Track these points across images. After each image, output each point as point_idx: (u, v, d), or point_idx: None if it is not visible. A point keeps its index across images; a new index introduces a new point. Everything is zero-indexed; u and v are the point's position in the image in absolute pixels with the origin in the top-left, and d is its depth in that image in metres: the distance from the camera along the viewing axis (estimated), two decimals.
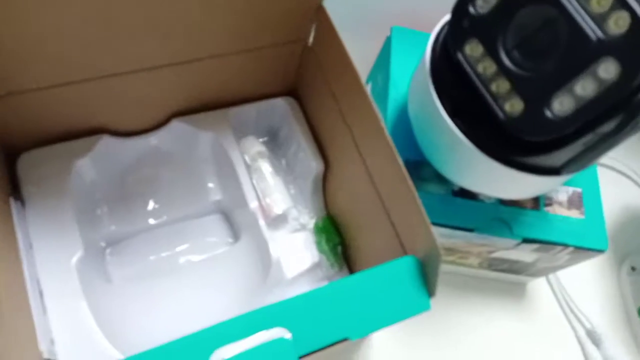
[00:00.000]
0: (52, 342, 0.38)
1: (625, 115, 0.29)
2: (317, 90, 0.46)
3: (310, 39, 0.45)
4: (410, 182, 0.34)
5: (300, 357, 0.31)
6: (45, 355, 0.37)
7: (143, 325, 0.44)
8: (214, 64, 0.43)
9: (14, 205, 0.40)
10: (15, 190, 0.41)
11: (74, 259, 0.40)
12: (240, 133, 0.50)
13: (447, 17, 0.39)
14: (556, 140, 0.31)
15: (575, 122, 0.30)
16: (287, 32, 0.43)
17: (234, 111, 0.49)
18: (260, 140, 0.52)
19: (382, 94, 0.50)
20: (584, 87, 0.29)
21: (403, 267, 0.35)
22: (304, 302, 0.33)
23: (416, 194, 0.33)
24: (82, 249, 0.41)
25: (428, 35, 0.40)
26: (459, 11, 0.34)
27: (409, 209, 0.35)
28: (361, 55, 0.58)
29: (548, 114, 0.30)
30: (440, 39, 0.38)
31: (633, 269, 0.60)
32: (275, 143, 0.54)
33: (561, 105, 0.30)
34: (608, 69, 0.28)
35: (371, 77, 0.58)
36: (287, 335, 0.32)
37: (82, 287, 0.40)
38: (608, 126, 0.30)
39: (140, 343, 0.42)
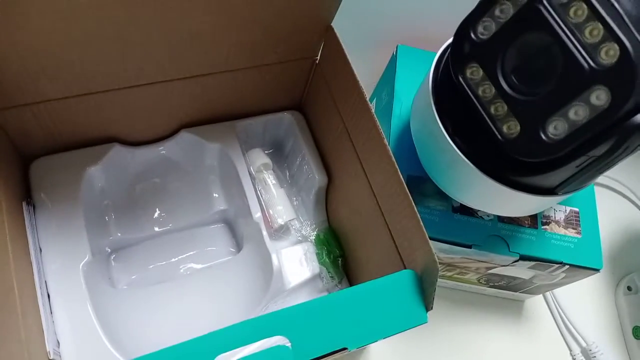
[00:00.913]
0: (57, 343, 0.39)
1: (616, 139, 0.30)
2: (323, 106, 0.47)
3: (319, 56, 0.46)
4: (410, 199, 0.35)
5: None
6: (51, 356, 0.38)
7: (145, 330, 0.45)
8: (223, 79, 0.44)
9: (26, 209, 0.41)
10: (26, 194, 0.43)
11: (81, 264, 0.42)
12: (247, 145, 0.51)
13: (450, 39, 0.41)
14: (551, 161, 0.33)
15: (569, 145, 0.31)
16: (296, 50, 0.45)
17: (242, 124, 0.50)
18: (266, 152, 0.54)
19: (387, 110, 0.52)
20: (577, 113, 0.30)
21: (402, 281, 0.36)
22: (304, 311, 0.34)
23: (416, 210, 0.35)
24: (89, 254, 0.42)
25: (432, 54, 0.42)
26: (461, 36, 0.35)
27: (409, 225, 0.36)
28: (367, 72, 0.60)
29: (543, 136, 0.32)
30: (443, 60, 0.39)
31: (629, 288, 0.60)
32: (280, 155, 0.55)
33: (555, 129, 0.31)
34: (599, 97, 0.29)
35: (376, 93, 0.59)
36: (287, 343, 0.33)
37: (88, 291, 0.41)
38: (600, 150, 0.31)
39: (142, 347, 0.43)
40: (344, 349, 0.34)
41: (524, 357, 0.56)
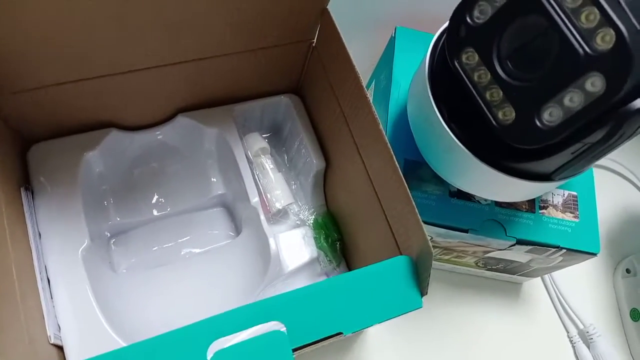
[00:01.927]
0: (58, 328, 0.40)
1: (611, 126, 0.30)
2: (320, 90, 0.47)
3: (315, 39, 0.46)
4: (405, 185, 0.35)
5: (294, 349, 0.33)
6: (52, 340, 0.38)
7: (145, 313, 0.46)
8: (220, 63, 0.44)
9: (24, 195, 0.42)
10: (25, 180, 0.43)
11: (81, 249, 0.42)
12: (244, 129, 0.51)
13: (447, 23, 0.40)
14: (546, 148, 0.33)
15: (564, 131, 0.31)
16: (292, 33, 0.44)
17: (239, 107, 0.50)
18: (264, 135, 0.54)
19: (385, 93, 0.51)
20: (572, 99, 0.30)
21: (397, 266, 0.36)
22: (300, 297, 0.34)
23: (411, 196, 0.35)
24: (88, 239, 0.43)
25: (431, 36, 0.41)
26: (456, 20, 0.35)
27: (404, 211, 0.36)
28: (367, 53, 0.60)
29: (538, 123, 0.31)
30: (440, 45, 0.39)
31: (628, 271, 0.60)
32: (278, 139, 0.55)
33: (550, 115, 0.31)
34: (594, 83, 0.29)
35: (375, 75, 0.59)
36: (282, 328, 0.33)
37: (88, 275, 0.42)
38: (595, 136, 0.31)
39: (142, 330, 0.44)
40: (339, 333, 0.34)
41: (522, 339, 0.57)
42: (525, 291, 0.59)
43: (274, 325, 0.33)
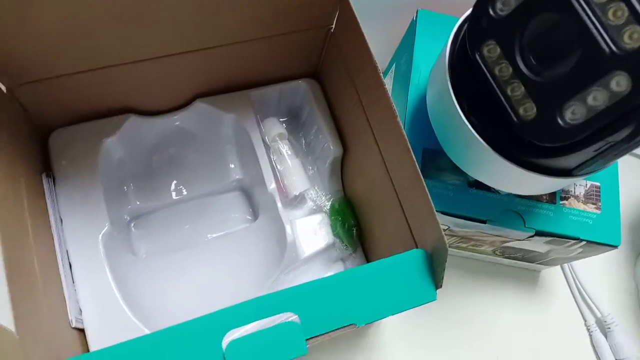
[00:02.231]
0: (79, 311, 0.41)
1: (636, 125, 0.29)
2: (338, 76, 0.46)
3: (334, 25, 0.45)
4: (422, 181, 0.35)
5: (308, 339, 0.33)
6: (74, 324, 0.39)
7: (164, 297, 0.47)
8: (236, 50, 0.44)
9: (45, 182, 0.42)
10: (46, 167, 0.44)
11: (101, 234, 0.43)
12: (262, 114, 0.51)
13: (469, 11, 0.39)
14: (567, 145, 0.32)
15: (586, 130, 0.30)
16: (309, 19, 0.43)
17: (257, 92, 0.50)
18: (282, 120, 0.53)
19: (405, 77, 0.50)
20: (596, 98, 0.29)
21: (412, 260, 0.36)
22: (314, 289, 0.35)
23: (428, 192, 0.34)
24: (108, 224, 0.43)
25: (454, 19, 0.40)
26: (478, 11, 0.34)
27: (420, 205, 0.36)
28: (388, 35, 0.59)
29: (560, 121, 0.31)
30: (461, 35, 0.37)
31: None
32: (296, 123, 0.54)
33: (573, 113, 0.30)
34: (620, 83, 0.28)
35: (395, 58, 0.57)
36: (296, 319, 0.34)
37: (108, 260, 0.43)
38: (619, 135, 0.30)
39: (161, 313, 0.45)
40: (353, 324, 0.34)
41: (538, 326, 0.57)
42: (543, 279, 0.59)
43: (287, 316, 0.34)
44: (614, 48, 0.28)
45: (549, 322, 0.57)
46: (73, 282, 0.41)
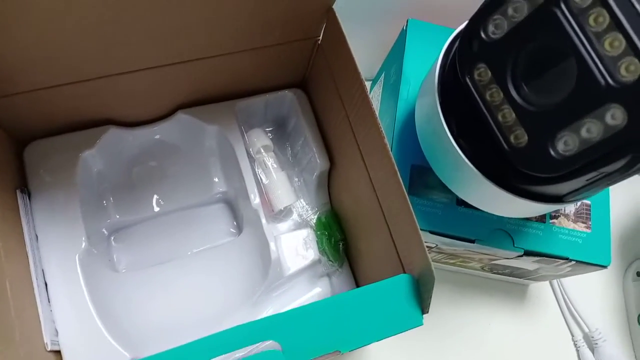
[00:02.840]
0: (55, 333, 0.39)
1: (630, 157, 0.28)
2: (325, 88, 0.45)
3: (321, 36, 0.44)
4: (409, 204, 0.34)
5: None
6: (49, 347, 0.38)
7: (144, 314, 0.46)
8: (222, 61, 0.42)
9: (20, 197, 0.41)
10: (21, 181, 0.42)
11: (79, 251, 0.42)
12: (247, 124, 0.49)
13: (460, 27, 0.38)
14: (559, 175, 0.31)
15: (578, 162, 0.29)
16: (296, 32, 0.42)
17: (242, 103, 0.48)
18: (268, 129, 0.52)
19: (394, 88, 0.49)
20: (590, 130, 0.28)
21: (398, 285, 0.35)
22: (298, 316, 0.34)
23: (414, 217, 0.33)
24: (86, 240, 0.42)
25: (445, 30, 0.38)
26: (469, 33, 0.32)
27: (407, 229, 0.35)
28: (377, 43, 0.57)
29: (552, 151, 0.30)
30: (451, 53, 0.36)
31: (638, 274, 0.59)
32: (283, 132, 0.53)
33: (565, 144, 0.29)
34: (615, 116, 0.27)
35: (384, 67, 0.56)
36: (278, 347, 0.33)
37: (86, 277, 0.41)
38: (612, 167, 0.29)
39: (140, 332, 0.44)
40: (337, 351, 0.34)
41: (526, 340, 0.56)
42: (531, 292, 0.58)
43: (269, 345, 0.33)
44: (609, 80, 0.27)
45: (537, 336, 0.56)
46: (49, 302, 0.40)
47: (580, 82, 0.28)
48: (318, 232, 0.49)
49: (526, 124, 0.30)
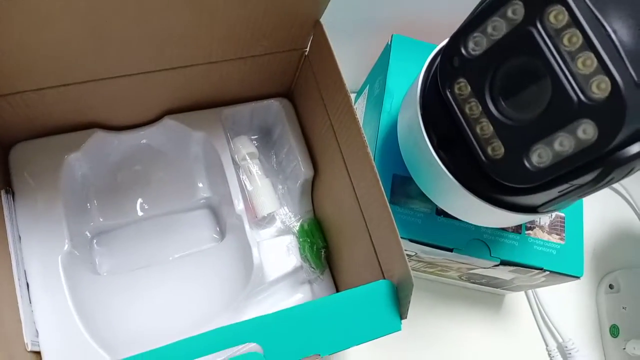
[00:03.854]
0: (36, 334, 0.39)
1: (601, 171, 0.29)
2: (311, 98, 0.46)
3: (308, 48, 0.45)
4: (390, 213, 0.35)
5: None
6: (29, 348, 0.38)
7: (126, 316, 0.46)
8: (208, 70, 0.43)
9: (4, 198, 0.41)
10: (6, 182, 0.42)
11: (61, 252, 0.42)
12: (233, 132, 0.50)
13: (442, 43, 0.39)
14: (533, 186, 0.32)
15: (552, 174, 0.30)
16: (283, 43, 0.43)
17: (229, 110, 0.49)
18: (253, 137, 0.53)
19: (378, 101, 0.50)
20: (562, 144, 0.29)
21: (378, 291, 0.36)
22: (279, 319, 0.34)
23: (395, 225, 0.34)
24: (69, 242, 0.42)
25: (428, 46, 0.40)
26: (450, 49, 0.34)
27: (388, 237, 0.36)
28: (362, 55, 0.59)
29: (526, 163, 0.31)
30: (433, 68, 0.38)
31: (611, 287, 0.61)
32: (268, 140, 0.54)
33: (539, 157, 0.30)
34: (586, 131, 0.28)
35: (369, 80, 0.57)
36: (259, 350, 0.33)
37: (68, 279, 0.42)
38: (583, 179, 0.30)
39: (121, 335, 0.44)
40: (317, 355, 0.34)
41: (501, 350, 0.57)
42: (507, 303, 0.59)
43: (250, 347, 0.33)
44: (581, 97, 0.28)
45: (512, 346, 0.58)
46: (30, 303, 0.40)
47: (555, 98, 0.29)
48: (300, 239, 0.49)
49: (503, 137, 0.32)
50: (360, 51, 0.59)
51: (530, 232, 0.47)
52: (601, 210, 0.66)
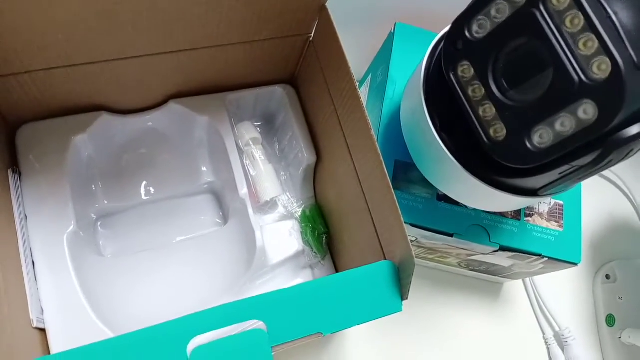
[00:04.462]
0: (41, 311, 0.40)
1: (600, 152, 0.30)
2: (315, 84, 0.47)
3: (313, 34, 0.45)
4: (393, 194, 0.35)
5: (273, 347, 0.33)
6: (35, 324, 0.39)
7: (129, 298, 0.46)
8: (214, 53, 0.44)
9: (11, 177, 0.41)
10: (13, 162, 0.43)
11: (67, 232, 0.42)
12: (237, 117, 0.51)
13: (445, 29, 0.40)
14: (534, 167, 0.33)
15: (553, 154, 0.31)
16: (289, 28, 0.43)
17: (233, 96, 0.49)
18: (256, 124, 0.53)
19: (380, 89, 0.51)
20: (563, 124, 0.30)
21: (379, 271, 0.37)
22: (282, 297, 0.35)
23: (398, 206, 0.35)
24: (74, 223, 0.43)
25: (431, 34, 0.41)
26: (455, 33, 0.34)
27: (390, 218, 0.37)
28: (365, 45, 0.59)
29: (528, 144, 0.32)
30: (437, 53, 0.38)
31: (608, 277, 0.62)
32: (271, 127, 0.55)
33: (541, 137, 0.31)
34: (587, 111, 0.29)
35: (372, 69, 0.58)
36: (263, 326, 0.34)
37: (73, 259, 0.42)
38: (584, 160, 0.31)
39: (124, 315, 0.45)
40: (319, 333, 0.35)
41: (499, 338, 0.58)
42: (505, 291, 0.60)
43: (254, 324, 0.34)
44: (583, 77, 0.29)
45: (510, 334, 0.58)
46: (36, 281, 0.41)
47: (556, 79, 0.30)
48: (303, 224, 0.50)
49: (505, 118, 0.32)
50: (363, 41, 0.59)
51: (529, 218, 0.47)
52: (599, 202, 0.67)
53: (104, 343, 0.31)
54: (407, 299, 0.36)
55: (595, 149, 0.30)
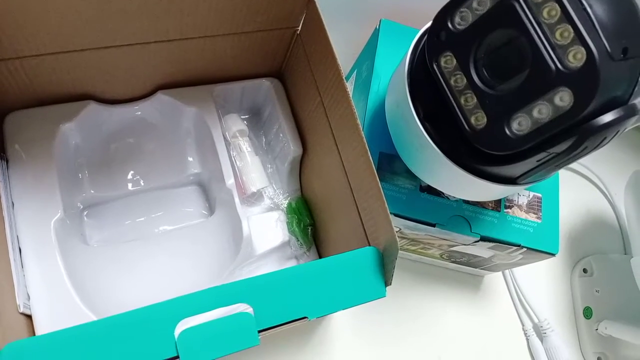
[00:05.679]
0: (28, 297, 0.40)
1: (575, 139, 0.31)
2: (302, 77, 0.47)
3: (300, 27, 0.46)
4: (377, 181, 0.36)
5: (260, 331, 0.34)
6: (21, 309, 0.39)
7: (114, 286, 0.46)
8: (202, 43, 0.44)
9: None
10: (0, 149, 0.43)
11: (53, 220, 0.42)
12: (224, 109, 0.51)
13: (430, 23, 0.41)
14: (513, 155, 0.34)
15: (530, 141, 0.32)
16: (276, 20, 0.44)
17: (220, 88, 0.50)
18: (243, 117, 0.54)
19: (365, 84, 0.52)
20: (541, 111, 0.31)
21: (364, 257, 0.37)
22: (269, 281, 0.35)
23: (382, 192, 0.36)
24: (61, 211, 0.43)
25: (415, 31, 0.42)
26: (438, 24, 0.36)
27: (375, 205, 0.38)
28: (350, 41, 0.60)
29: (507, 131, 0.33)
30: (421, 44, 0.39)
31: (585, 271, 0.63)
32: (258, 120, 0.55)
33: (519, 124, 0.32)
34: (563, 98, 0.30)
35: (357, 65, 0.59)
36: (250, 310, 0.34)
37: (60, 246, 0.42)
38: (560, 147, 0.32)
39: (111, 302, 0.45)
40: (304, 317, 0.35)
41: (479, 329, 0.59)
42: (486, 284, 0.61)
43: (241, 307, 0.34)
44: (559, 66, 0.30)
45: (490, 326, 0.60)
46: (22, 268, 0.41)
47: (534, 68, 0.31)
48: (289, 216, 0.51)
49: (486, 107, 0.34)
50: (348, 38, 0.60)
51: (509, 210, 0.49)
52: (577, 199, 0.68)
53: (91, 325, 0.31)
54: (390, 284, 0.37)
55: (571, 135, 0.32)
